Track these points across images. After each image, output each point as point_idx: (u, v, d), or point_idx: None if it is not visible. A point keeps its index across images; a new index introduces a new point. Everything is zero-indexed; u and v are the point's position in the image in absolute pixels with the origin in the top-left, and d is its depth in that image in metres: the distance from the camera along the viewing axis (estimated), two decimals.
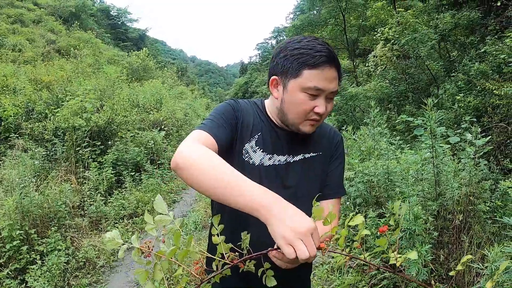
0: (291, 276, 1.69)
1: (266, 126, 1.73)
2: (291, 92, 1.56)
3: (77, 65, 19.18)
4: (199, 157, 1.33)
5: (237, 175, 1.27)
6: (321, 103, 1.55)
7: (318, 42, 1.54)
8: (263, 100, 1.83)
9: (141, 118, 12.22)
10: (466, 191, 4.02)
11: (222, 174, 1.27)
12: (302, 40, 1.56)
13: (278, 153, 1.71)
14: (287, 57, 1.55)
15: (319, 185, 1.77)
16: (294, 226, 1.13)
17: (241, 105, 1.74)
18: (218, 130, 1.57)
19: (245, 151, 1.67)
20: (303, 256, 1.10)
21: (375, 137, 5.89)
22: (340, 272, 4.51)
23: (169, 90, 22.96)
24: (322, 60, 1.49)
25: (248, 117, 1.72)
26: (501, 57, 7.19)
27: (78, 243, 5.79)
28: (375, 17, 17.92)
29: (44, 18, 35.96)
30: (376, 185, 5.22)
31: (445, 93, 9.38)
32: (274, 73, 1.62)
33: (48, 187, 6.58)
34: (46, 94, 11.36)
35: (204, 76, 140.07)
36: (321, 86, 1.51)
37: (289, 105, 1.59)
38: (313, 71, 1.50)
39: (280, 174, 1.69)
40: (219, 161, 1.32)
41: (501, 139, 6.44)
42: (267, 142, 1.70)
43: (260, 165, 1.67)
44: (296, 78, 1.53)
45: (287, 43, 1.59)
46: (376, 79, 14.20)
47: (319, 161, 1.78)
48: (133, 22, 65.33)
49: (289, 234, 1.12)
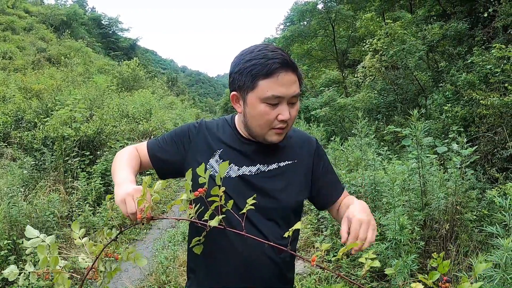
0: (279, 277, 1.69)
1: (232, 141, 1.73)
2: (251, 105, 1.56)
3: (67, 74, 19.18)
4: (119, 153, 1.80)
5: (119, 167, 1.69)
6: (284, 109, 1.54)
7: (270, 49, 1.53)
8: (234, 115, 1.82)
9: (131, 128, 12.18)
10: (453, 201, 4.06)
11: (114, 164, 1.73)
12: (253, 51, 1.55)
13: (248, 164, 1.69)
14: (241, 71, 1.54)
15: (297, 192, 1.75)
16: (117, 192, 1.47)
17: (204, 127, 1.78)
18: (158, 148, 1.81)
19: (209, 166, 1.67)
20: (123, 211, 1.43)
21: (362, 147, 5.92)
22: (327, 282, 4.51)
23: (159, 100, 22.94)
24: (275, 67, 1.48)
25: (210, 136, 1.75)
26: (488, 68, 7.26)
27: (66, 254, 5.75)
28: (364, 28, 18.04)
29: (35, 26, 35.96)
30: (363, 196, 5.24)
31: (433, 103, 9.45)
32: (233, 89, 1.62)
33: (36, 196, 6.55)
34: (36, 102, 11.35)
35: (194, 86, 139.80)
36: (279, 93, 1.50)
37: (251, 118, 1.59)
38: (268, 80, 1.49)
39: (250, 183, 1.66)
40: (119, 156, 1.77)
41: (488, 148, 6.49)
42: (233, 155, 1.69)
43: (227, 177, 1.65)
44: (253, 91, 1.53)
45: (240, 55, 1.59)
46: (365, 89, 14.26)
47: (294, 168, 1.75)
48: (124, 32, 65.34)
49: (117, 197, 1.45)
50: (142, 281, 5.38)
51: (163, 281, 5.16)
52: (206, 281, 1.66)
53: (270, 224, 1.65)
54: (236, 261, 1.60)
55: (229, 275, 1.62)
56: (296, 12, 22.81)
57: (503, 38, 8.40)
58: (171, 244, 6.29)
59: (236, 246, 1.60)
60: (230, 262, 1.62)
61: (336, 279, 4.50)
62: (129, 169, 1.66)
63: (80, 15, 50.68)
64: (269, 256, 1.62)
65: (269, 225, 1.64)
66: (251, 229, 1.59)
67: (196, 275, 1.76)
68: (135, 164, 1.74)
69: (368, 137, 6.14)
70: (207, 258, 1.67)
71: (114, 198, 1.47)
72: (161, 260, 5.55)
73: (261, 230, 1.62)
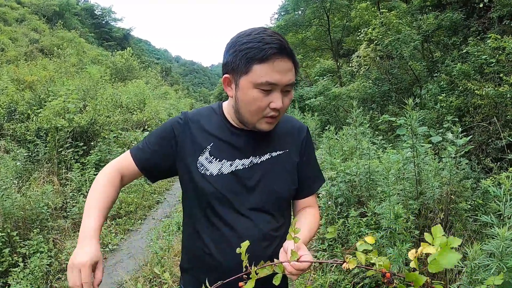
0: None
1: (222, 132, 1.66)
2: (243, 90, 1.49)
3: (60, 64, 19.08)
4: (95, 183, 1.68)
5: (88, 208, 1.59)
6: (277, 97, 1.49)
7: (268, 34, 1.46)
8: (221, 102, 1.76)
9: (124, 118, 12.15)
10: (447, 190, 4.06)
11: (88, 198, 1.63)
12: (251, 33, 1.47)
13: (241, 157, 1.64)
14: (236, 53, 1.47)
15: (290, 181, 1.73)
16: (73, 258, 1.43)
17: (188, 121, 1.69)
18: (144, 154, 1.71)
19: (199, 165, 1.62)
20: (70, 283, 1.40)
21: (357, 136, 5.92)
22: (323, 271, 4.52)
23: (152, 90, 22.88)
24: (271, 52, 1.42)
25: (196, 130, 1.67)
26: (483, 58, 7.25)
27: (60, 245, 5.73)
28: (359, 18, 17.96)
29: (28, 17, 35.70)
30: (358, 185, 5.24)
31: (428, 93, 9.45)
32: (226, 71, 1.55)
33: (30, 188, 6.52)
34: (29, 94, 11.27)
35: (188, 76, 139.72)
36: (273, 80, 1.44)
37: (242, 103, 1.53)
38: (263, 65, 1.43)
39: (243, 178, 1.62)
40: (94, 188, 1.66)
41: (483, 138, 6.51)
42: (224, 149, 1.64)
43: (219, 174, 1.60)
44: (246, 75, 1.46)
45: (237, 37, 1.51)
46: (359, 79, 14.25)
47: (286, 158, 1.72)
48: (118, 22, 65.04)
49: (70, 263, 1.41)
50: (137, 271, 5.38)
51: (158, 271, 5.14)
52: (202, 275, 1.59)
53: (264, 215, 1.63)
54: (231, 255, 1.55)
55: (224, 269, 1.59)
56: (291, 1, 22.79)
57: (499, 29, 8.39)
58: (166, 234, 6.28)
59: (231, 240, 1.58)
60: (226, 256, 1.60)
61: (331, 267, 4.51)
62: (97, 213, 1.58)
63: (72, 5, 50.34)
64: (264, 247, 1.61)
65: (263, 217, 1.63)
66: (246, 221, 1.59)
67: (191, 272, 1.75)
68: (109, 199, 1.67)
69: (363, 126, 6.14)
70: (202, 253, 1.66)
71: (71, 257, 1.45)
72: (156, 250, 5.54)
73: (256, 223, 1.60)
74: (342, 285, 4.22)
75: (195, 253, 1.70)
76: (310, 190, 1.84)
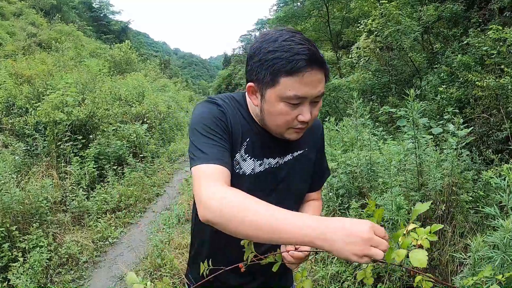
0: (281, 274, 1.69)
1: (252, 128, 1.56)
2: (270, 103, 1.39)
3: (58, 58, 18.99)
4: (230, 207, 1.18)
5: (275, 215, 1.14)
6: (305, 110, 1.39)
7: (296, 41, 1.32)
8: (244, 93, 1.61)
9: (123, 111, 12.07)
10: (449, 181, 4.04)
11: (262, 219, 1.14)
12: (277, 39, 1.33)
13: (268, 156, 1.58)
14: (261, 63, 1.35)
15: (310, 179, 1.75)
16: (354, 241, 1.06)
17: (225, 109, 1.52)
18: (223, 154, 1.40)
19: (235, 162, 1.52)
20: (380, 258, 1.06)
21: (357, 128, 5.89)
22: (324, 263, 4.51)
23: (151, 83, 22.82)
24: (301, 65, 1.29)
25: (235, 122, 1.52)
26: (484, 49, 7.22)
27: (60, 239, 5.72)
28: (359, 9, 17.87)
29: (25, 11, 35.48)
30: (359, 176, 5.22)
31: (428, 85, 9.43)
32: (250, 79, 1.44)
33: (29, 182, 6.49)
34: (27, 88, 11.20)
35: (187, 69, 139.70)
36: (302, 93, 1.33)
37: (269, 115, 1.43)
38: (291, 78, 1.30)
39: (271, 177, 1.60)
40: (252, 204, 1.18)
41: (483, 130, 6.49)
42: (256, 147, 1.56)
43: (251, 174, 1.54)
44: (273, 87, 1.34)
45: (261, 42, 1.37)
46: (359, 70, 14.20)
47: (306, 156, 1.70)
48: (116, 15, 64.63)
49: (356, 250, 1.06)
50: (137, 264, 5.37)
51: (158, 264, 5.15)
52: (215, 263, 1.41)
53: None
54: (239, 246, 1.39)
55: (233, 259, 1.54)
56: None
57: (499, 20, 8.35)
58: (166, 227, 6.27)
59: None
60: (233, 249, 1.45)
61: (332, 259, 4.50)
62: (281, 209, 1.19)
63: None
64: None
65: None
66: None
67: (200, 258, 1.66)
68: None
69: (363, 117, 6.11)
70: (211, 240, 1.68)
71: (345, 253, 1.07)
72: (156, 243, 5.53)
73: None
74: (344, 276, 4.22)
75: (204, 241, 1.72)
76: (319, 185, 1.87)
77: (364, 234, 1.05)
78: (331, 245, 1.07)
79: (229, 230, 1.19)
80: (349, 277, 4.17)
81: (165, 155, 12.58)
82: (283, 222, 1.12)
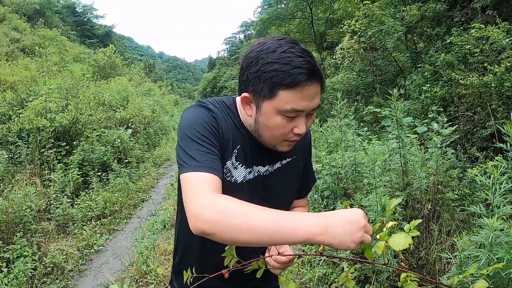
0: (269, 276, 1.63)
1: (243, 135, 1.52)
2: (266, 115, 1.35)
3: (42, 64, 18.81)
4: (227, 215, 1.14)
5: (272, 218, 1.13)
6: (301, 123, 1.37)
7: (296, 53, 1.28)
8: (235, 99, 1.58)
9: (107, 116, 11.97)
10: (434, 180, 4.03)
11: (258, 224, 1.12)
12: (277, 50, 1.30)
13: (258, 164, 1.55)
14: (259, 74, 1.31)
15: (296, 187, 1.74)
16: (354, 229, 1.12)
17: (216, 114, 1.46)
18: (215, 162, 1.35)
19: (226, 170, 1.47)
20: (369, 242, 1.16)
21: (342, 128, 5.88)
22: (311, 265, 4.48)
23: (136, 87, 22.70)
24: (300, 79, 1.26)
25: (225, 128, 1.47)
26: (467, 48, 7.25)
27: (45, 248, 5.62)
28: (342, 10, 17.96)
29: (8, 16, 35.09)
30: (344, 177, 5.20)
31: (412, 84, 9.46)
32: (246, 89, 1.38)
33: (12, 191, 6.38)
34: (10, 95, 11.06)
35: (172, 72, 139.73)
36: (300, 107, 1.31)
37: (264, 127, 1.40)
38: (290, 91, 1.28)
39: (262, 185, 1.57)
40: (247, 209, 1.15)
41: (468, 128, 6.52)
42: (247, 155, 1.52)
43: (243, 182, 1.51)
44: (270, 100, 1.31)
45: (259, 52, 1.33)
46: (343, 71, 14.25)
47: (295, 164, 1.69)
48: (100, 19, 64.56)
49: (356, 238, 1.11)
50: (123, 272, 5.30)
51: (144, 271, 5.09)
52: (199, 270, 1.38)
53: None
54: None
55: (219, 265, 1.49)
56: None
57: (482, 19, 8.38)
58: (151, 233, 6.21)
59: None
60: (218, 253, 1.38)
61: (319, 261, 4.47)
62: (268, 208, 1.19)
63: (53, 3, 49.70)
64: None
65: None
66: None
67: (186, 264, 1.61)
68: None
69: (348, 118, 6.10)
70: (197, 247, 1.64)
71: (345, 244, 1.11)
72: (141, 250, 5.46)
73: None
74: (331, 278, 4.19)
75: (189, 246, 1.69)
76: (306, 191, 1.87)
77: (361, 221, 1.12)
78: (333, 237, 1.10)
79: (224, 239, 1.15)
80: (336, 279, 4.14)
81: (151, 159, 12.49)
82: (285, 223, 1.12)
